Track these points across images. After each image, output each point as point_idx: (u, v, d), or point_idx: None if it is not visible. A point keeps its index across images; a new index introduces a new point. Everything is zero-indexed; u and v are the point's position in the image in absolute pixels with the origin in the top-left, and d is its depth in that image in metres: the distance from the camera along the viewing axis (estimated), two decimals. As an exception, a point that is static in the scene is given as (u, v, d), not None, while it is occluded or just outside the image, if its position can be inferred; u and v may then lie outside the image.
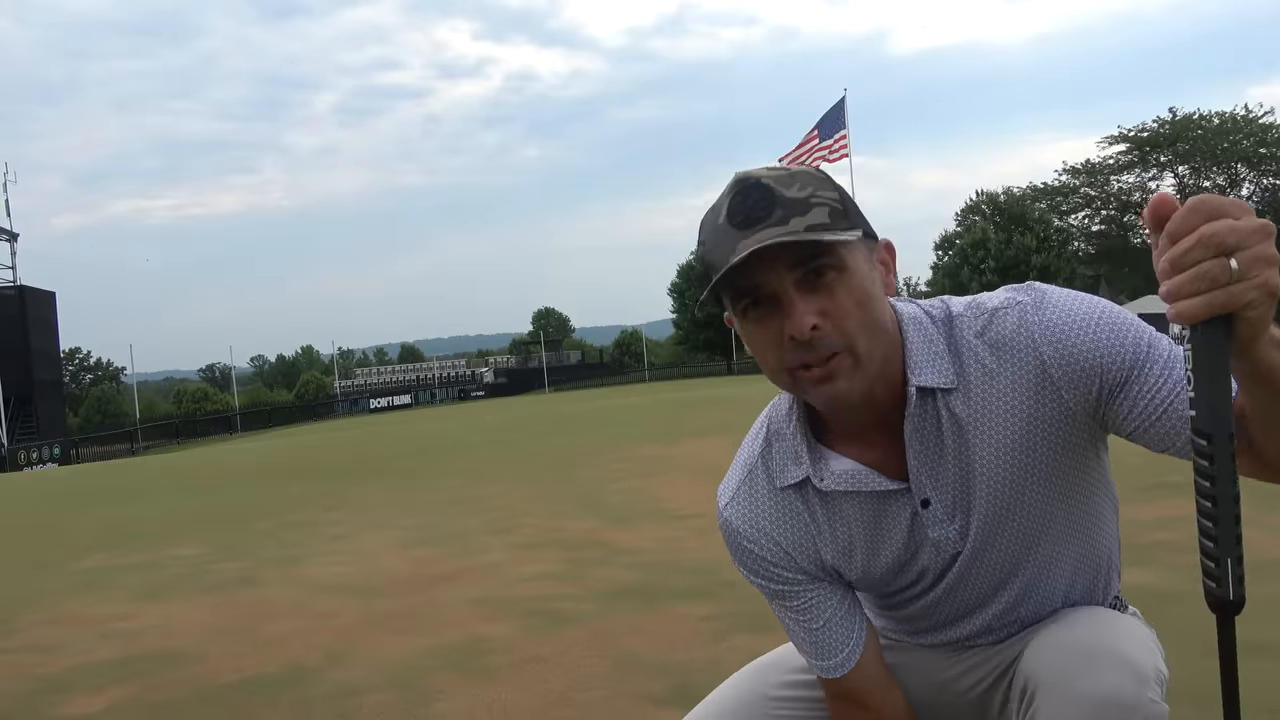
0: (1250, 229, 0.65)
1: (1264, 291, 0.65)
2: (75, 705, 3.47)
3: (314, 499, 9.43)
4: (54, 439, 36.57)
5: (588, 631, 3.90)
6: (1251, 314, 0.66)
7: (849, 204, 0.98)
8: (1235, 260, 0.64)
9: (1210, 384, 0.67)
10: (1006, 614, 1.13)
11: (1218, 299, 0.65)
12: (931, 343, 1.02)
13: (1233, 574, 0.69)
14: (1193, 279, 0.65)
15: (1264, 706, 2.64)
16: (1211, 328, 0.66)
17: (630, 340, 74.34)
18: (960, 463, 1.03)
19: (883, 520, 1.08)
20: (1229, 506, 0.68)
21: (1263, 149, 45.98)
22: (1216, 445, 0.68)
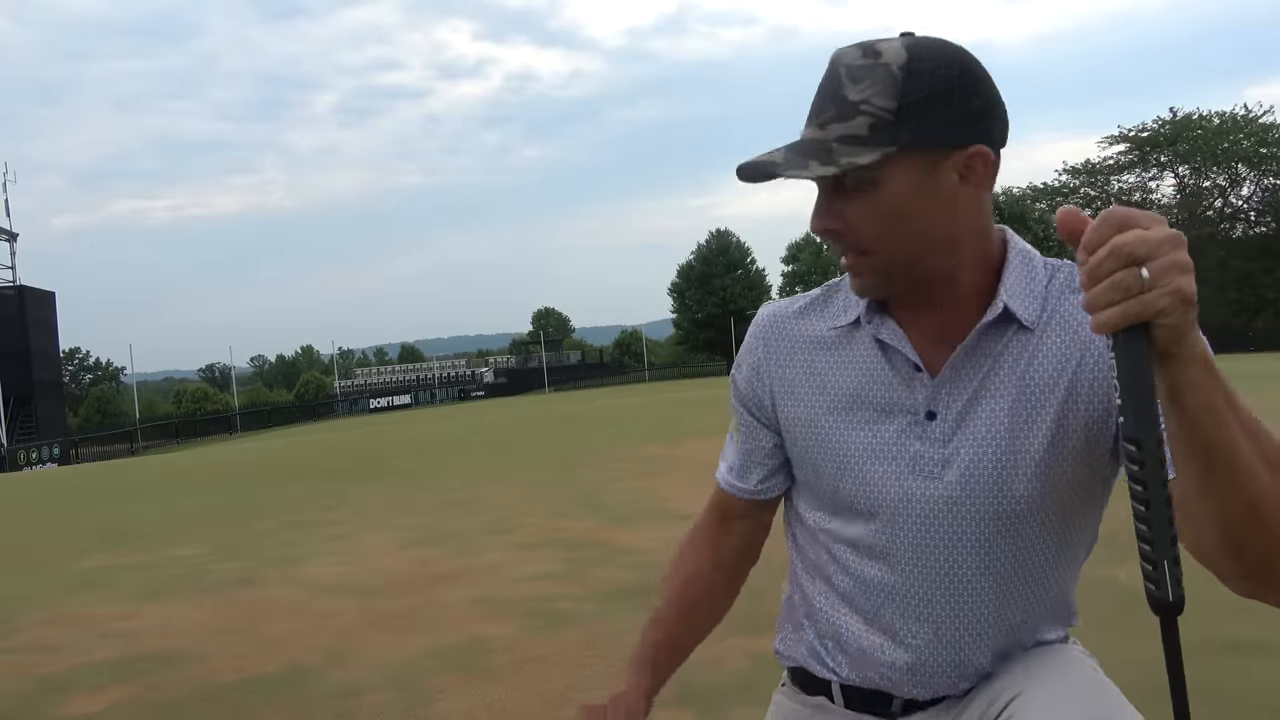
0: (1160, 239, 0.67)
1: (1176, 298, 0.66)
2: (75, 705, 3.47)
3: (314, 499, 9.42)
4: (54, 439, 36.54)
5: (588, 631, 3.90)
6: (1166, 320, 0.67)
7: (912, 109, 0.91)
8: (1146, 269, 0.66)
9: (1134, 390, 0.68)
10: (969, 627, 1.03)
11: (1132, 308, 0.66)
12: (1033, 278, 1.00)
13: (1170, 575, 0.70)
14: (1107, 289, 0.67)
15: (1266, 705, 2.64)
16: (1131, 336, 0.68)
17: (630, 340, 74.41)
18: (987, 396, 1.00)
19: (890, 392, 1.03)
20: (1162, 509, 0.69)
21: (1263, 149, 45.98)
22: (1145, 450, 0.68)
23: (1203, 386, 0.72)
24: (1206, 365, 0.72)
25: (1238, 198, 49.28)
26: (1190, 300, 0.67)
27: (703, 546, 1.29)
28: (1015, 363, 0.99)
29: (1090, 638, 1.14)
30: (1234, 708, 2.63)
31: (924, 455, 1.02)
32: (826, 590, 1.13)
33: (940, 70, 0.92)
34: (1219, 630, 3.14)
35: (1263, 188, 47.98)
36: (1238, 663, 2.93)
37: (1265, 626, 3.19)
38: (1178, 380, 0.71)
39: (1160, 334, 0.68)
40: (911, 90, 0.91)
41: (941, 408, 1.01)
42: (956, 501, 1.01)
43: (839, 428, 1.07)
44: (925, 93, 0.92)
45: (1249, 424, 0.75)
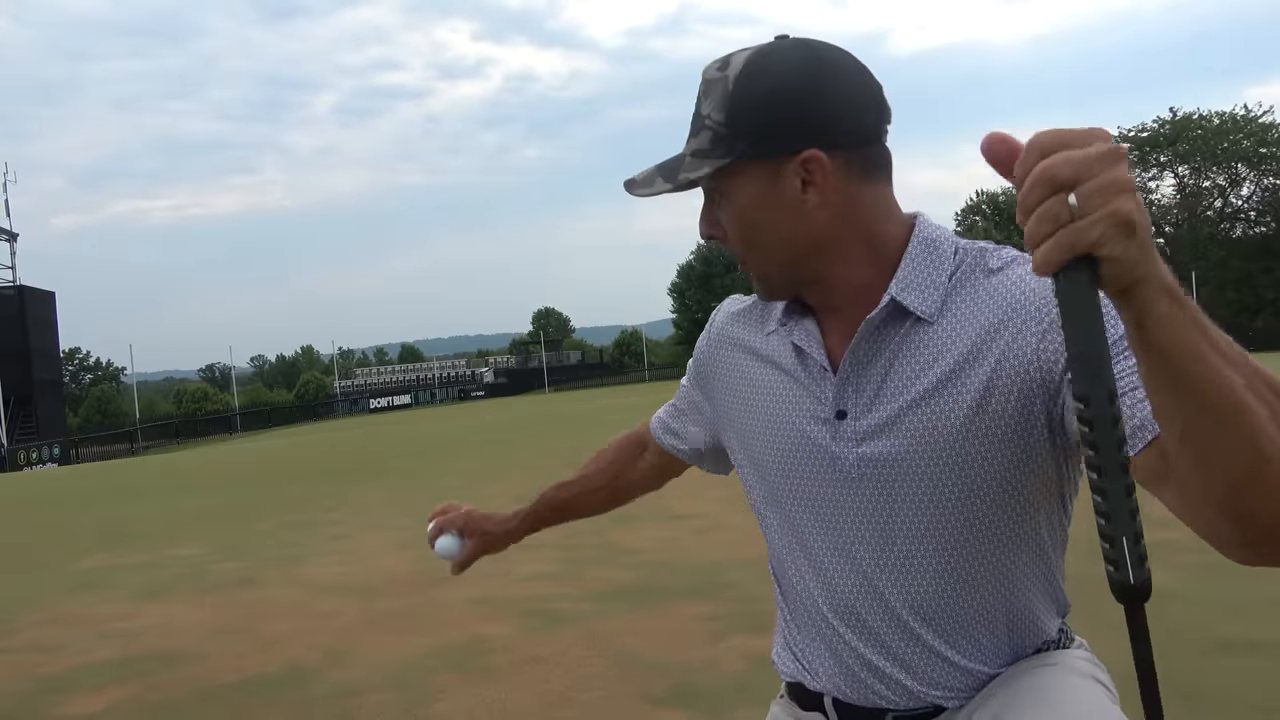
0: (1089, 157, 0.57)
1: (1111, 223, 0.57)
2: (75, 705, 3.48)
3: (314, 499, 9.43)
4: (54, 439, 36.55)
5: (587, 631, 3.91)
6: (1107, 251, 0.57)
7: (741, 121, 0.93)
8: (1074, 195, 0.57)
9: (1079, 339, 0.58)
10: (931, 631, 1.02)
11: (1064, 239, 0.57)
12: (934, 268, 0.97)
13: (1130, 554, 0.59)
14: (1037, 221, 0.58)
15: (1259, 705, 2.64)
16: (1072, 276, 0.58)
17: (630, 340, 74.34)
18: (898, 392, 0.97)
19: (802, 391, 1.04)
20: (1118, 475, 0.59)
21: (1263, 149, 45.99)
22: (1094, 407, 0.58)
23: (1171, 320, 0.62)
24: (1172, 296, 0.62)
25: (1237, 198, 49.28)
26: (1129, 223, 0.57)
27: (623, 456, 1.41)
28: (916, 355, 0.96)
29: (1089, 636, 1.13)
30: (1226, 707, 2.63)
31: (841, 455, 1.00)
32: (795, 597, 1.12)
33: (770, 80, 0.92)
34: (1211, 630, 3.14)
35: (1262, 188, 47.96)
36: (1230, 662, 2.93)
37: (1257, 626, 3.19)
38: (1140, 317, 0.61)
39: (1106, 269, 0.58)
40: (741, 102, 0.93)
41: (850, 405, 1.00)
42: (877, 501, 1.00)
43: (766, 433, 1.08)
44: (753, 104, 0.93)
45: (1236, 358, 0.65)
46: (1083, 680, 1.00)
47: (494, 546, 1.43)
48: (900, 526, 0.99)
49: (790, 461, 1.05)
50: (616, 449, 1.43)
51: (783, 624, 1.18)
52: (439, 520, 1.39)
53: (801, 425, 1.03)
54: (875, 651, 1.04)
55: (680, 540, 5.67)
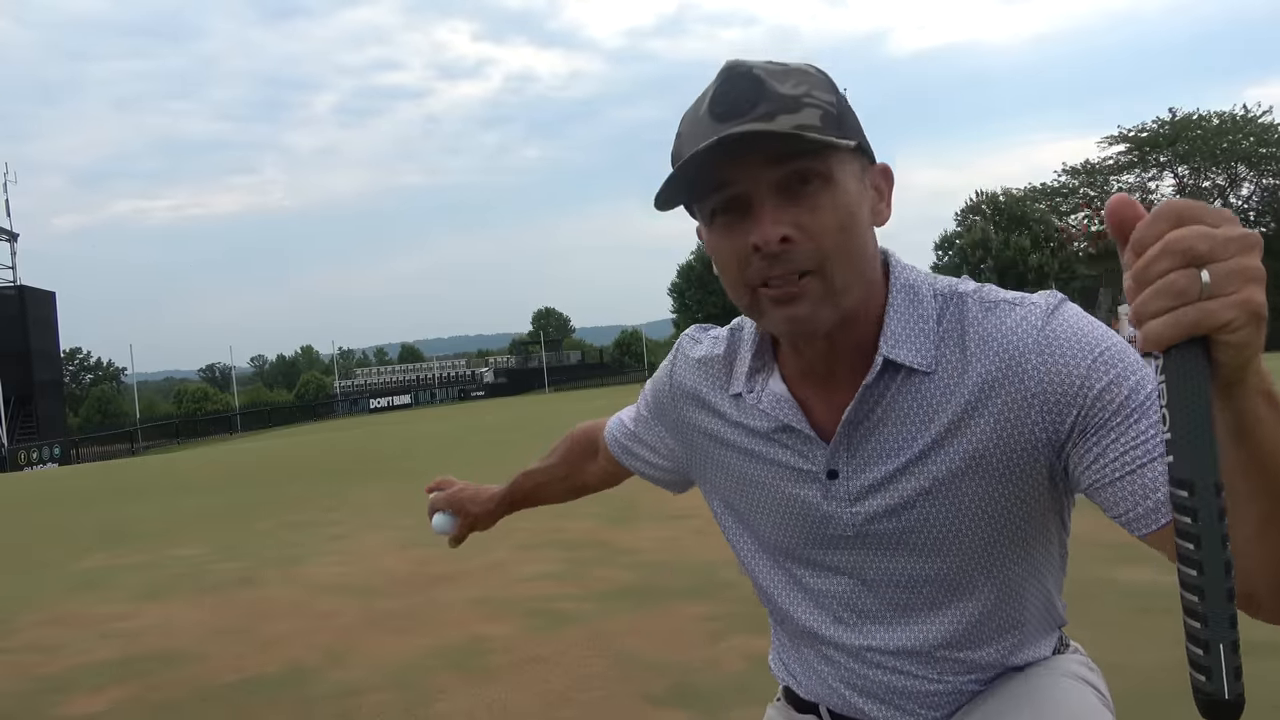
0: (1228, 237, 0.55)
1: (1245, 310, 0.54)
2: (75, 705, 3.48)
3: (314, 499, 9.43)
4: (54, 439, 36.55)
5: (587, 631, 3.91)
6: (1231, 337, 0.54)
7: (846, 112, 0.87)
8: (1208, 273, 0.54)
9: (1188, 422, 0.54)
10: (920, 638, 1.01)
11: (1187, 316, 0.54)
12: (920, 316, 0.92)
13: (1227, 665, 0.54)
14: (1157, 294, 0.55)
15: (1265, 705, 2.64)
16: (1186, 355, 0.55)
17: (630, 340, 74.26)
18: (893, 451, 0.93)
19: (784, 460, 1.01)
20: (1220, 576, 0.53)
21: (1263, 149, 45.97)
22: (1200, 496, 0.53)
23: (1270, 423, 0.60)
24: (1270, 400, 0.60)
25: (1237, 198, 49.24)
26: (1261, 315, 0.54)
27: (576, 457, 1.42)
28: (910, 410, 0.92)
29: (1090, 641, 1.13)
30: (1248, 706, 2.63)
31: (835, 515, 0.98)
32: (786, 624, 1.12)
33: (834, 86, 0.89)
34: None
35: (1262, 188, 47.97)
36: (1245, 664, 2.92)
37: (1265, 628, 3.19)
38: (1246, 416, 0.59)
39: (1222, 354, 0.55)
40: (838, 92, 0.88)
41: (841, 466, 0.96)
42: (875, 555, 0.99)
43: (751, 495, 1.05)
44: (844, 98, 0.89)
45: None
46: (1072, 682, 0.99)
47: (479, 524, 1.48)
48: (899, 577, 0.99)
49: (782, 522, 1.03)
50: (570, 446, 1.43)
51: (774, 639, 1.18)
52: (433, 499, 1.48)
53: (790, 489, 1.01)
54: (867, 681, 1.04)
55: (680, 540, 5.67)
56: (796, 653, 1.12)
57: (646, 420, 1.22)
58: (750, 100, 0.83)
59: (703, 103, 0.87)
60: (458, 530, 1.46)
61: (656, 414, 1.18)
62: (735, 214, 0.87)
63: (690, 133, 0.87)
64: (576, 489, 1.44)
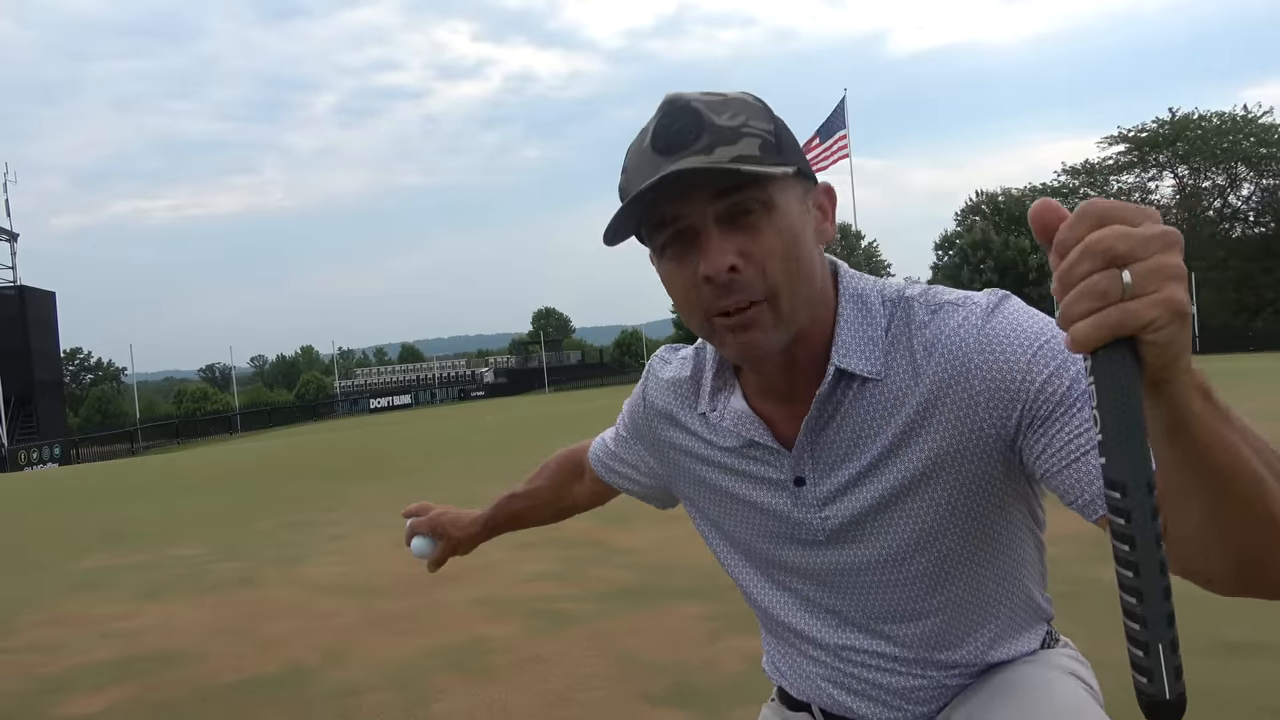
0: (1148, 235, 0.55)
1: (1167, 309, 0.54)
2: (75, 705, 3.48)
3: (314, 499, 9.43)
4: (54, 439, 36.53)
5: (587, 631, 3.91)
6: (1155, 336, 0.54)
7: (785, 138, 0.90)
8: (1129, 273, 0.54)
9: (1118, 423, 0.54)
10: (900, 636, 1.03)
11: (1111, 318, 0.54)
12: (869, 324, 0.94)
13: (1167, 665, 0.53)
14: (1080, 296, 0.55)
15: (1266, 706, 2.64)
16: (1113, 356, 0.54)
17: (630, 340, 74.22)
18: (854, 455, 0.96)
19: (752, 473, 1.03)
20: (1155, 576, 0.53)
21: (1263, 149, 45.98)
22: (1132, 498, 0.53)
23: (1204, 418, 0.61)
24: (1204, 391, 0.61)
25: (1237, 198, 49.28)
26: (1183, 312, 0.55)
27: (562, 479, 1.43)
28: (866, 415, 0.94)
29: (1079, 638, 1.13)
30: (1232, 708, 2.63)
31: (805, 522, 1.01)
32: (773, 627, 1.14)
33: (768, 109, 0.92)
34: (1217, 632, 3.14)
35: (1262, 188, 47.95)
36: (1236, 663, 2.93)
37: (1264, 628, 3.19)
38: (1179, 413, 0.60)
39: (1149, 353, 0.55)
40: (775, 119, 0.90)
41: (807, 472, 0.99)
42: (848, 558, 1.00)
43: (725, 506, 1.08)
44: (782, 124, 0.91)
45: (1254, 440, 0.66)
46: (1060, 675, 1.01)
47: (460, 549, 1.48)
48: (872, 578, 1.01)
49: (758, 530, 1.06)
50: (556, 469, 1.44)
51: (764, 642, 1.20)
52: (412, 523, 1.49)
53: (762, 499, 1.03)
54: (852, 679, 1.06)
55: (678, 540, 5.67)
56: (784, 654, 1.14)
57: (626, 440, 1.25)
58: (690, 133, 0.86)
59: (645, 137, 0.90)
60: (437, 554, 1.47)
61: (634, 434, 1.22)
62: (683, 245, 0.89)
63: (635, 167, 0.90)
64: (564, 510, 1.46)
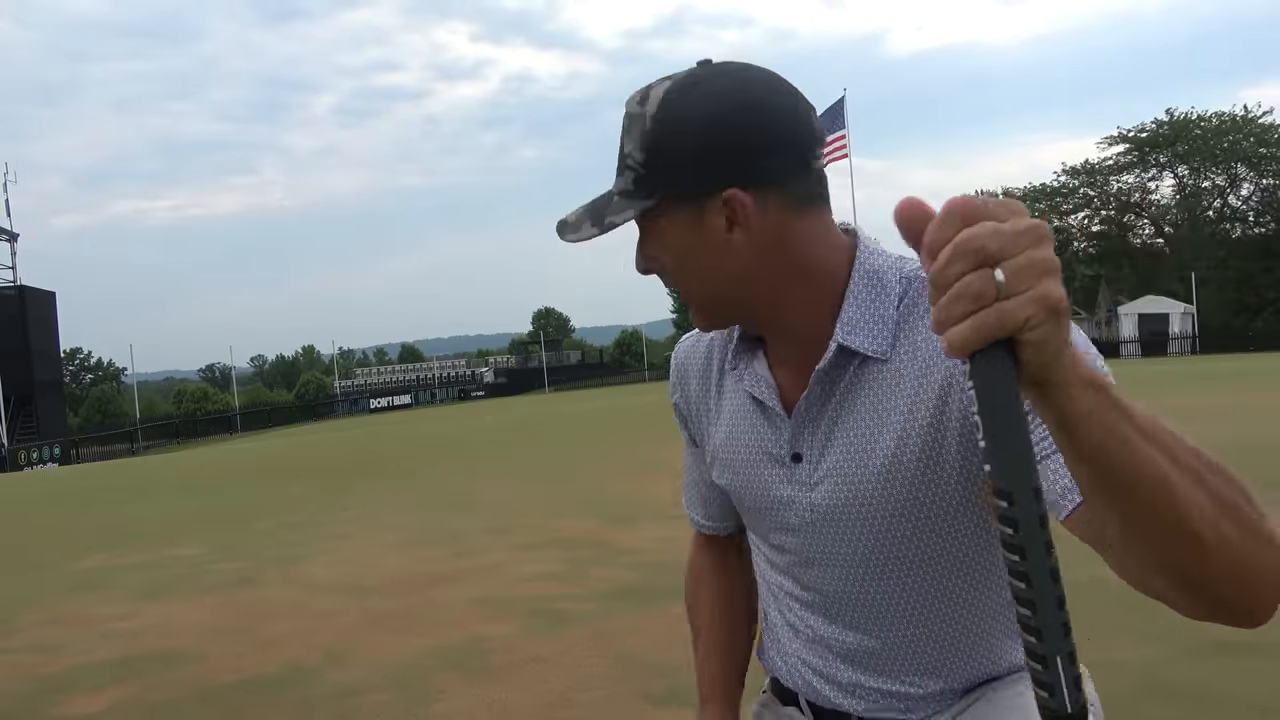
0: (1017, 230, 0.52)
1: (1042, 306, 0.52)
2: (75, 705, 3.48)
3: (314, 499, 9.43)
4: (54, 439, 36.50)
5: (588, 631, 3.91)
6: (1031, 335, 0.52)
7: (663, 158, 0.89)
8: (1001, 271, 0.52)
9: (1001, 428, 0.52)
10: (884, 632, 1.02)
11: (987, 320, 0.52)
12: (881, 302, 0.93)
13: (1066, 677, 0.52)
14: (954, 299, 0.52)
15: (1255, 705, 2.64)
16: (991, 359, 0.53)
17: (630, 340, 74.22)
18: (852, 438, 0.95)
19: (760, 437, 1.03)
20: (1047, 586, 0.51)
21: (1263, 149, 45.98)
22: (1019, 506, 0.51)
23: (1098, 414, 0.58)
24: (1097, 387, 0.58)
25: (1237, 198, 49.29)
26: (1059, 309, 0.53)
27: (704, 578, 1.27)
28: (867, 396, 0.94)
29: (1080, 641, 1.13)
30: (1222, 707, 2.63)
31: (794, 500, 1.01)
32: (772, 607, 1.14)
33: (687, 115, 0.88)
34: (1207, 631, 3.14)
35: (1262, 188, 47.96)
36: (1227, 662, 2.93)
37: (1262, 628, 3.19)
38: (1066, 412, 0.58)
39: (1026, 353, 0.53)
40: (659, 141, 0.89)
41: (805, 449, 0.99)
42: (834, 541, 1.00)
43: (735, 468, 1.08)
44: (671, 142, 0.89)
45: (1165, 439, 0.62)
46: None
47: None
48: (859, 563, 0.99)
49: (756, 499, 1.06)
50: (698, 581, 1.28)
51: (763, 626, 1.20)
52: None
53: (761, 468, 1.03)
54: (837, 673, 1.05)
55: (680, 540, 5.65)
56: (775, 640, 1.14)
57: (692, 458, 1.20)
58: None
59: None
60: None
61: (685, 425, 1.19)
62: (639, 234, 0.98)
63: None
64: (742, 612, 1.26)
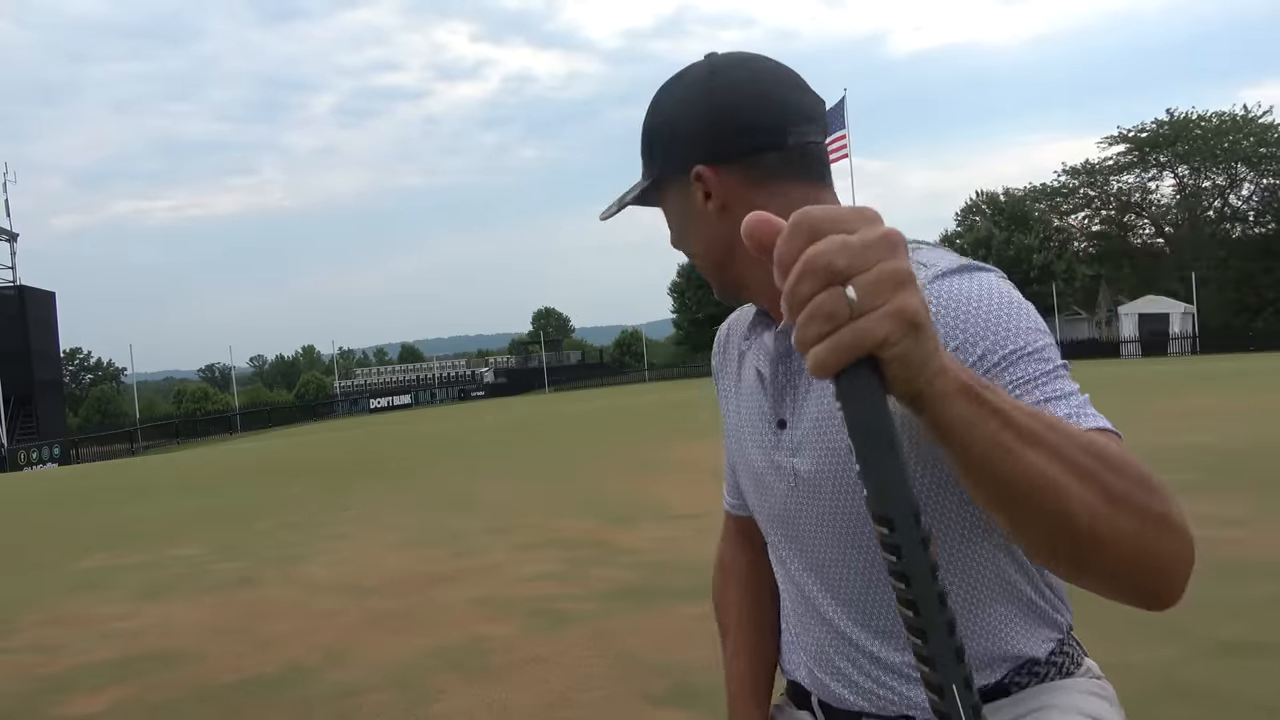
0: (865, 243, 0.50)
1: (899, 321, 0.50)
2: (75, 705, 3.48)
3: (314, 499, 9.43)
4: (54, 439, 36.48)
5: (588, 631, 3.91)
6: (892, 352, 0.51)
7: (657, 137, 1.01)
8: (852, 288, 0.50)
9: (873, 450, 0.50)
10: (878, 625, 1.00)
11: (844, 340, 0.50)
12: None
13: (964, 705, 0.49)
14: (809, 320, 0.50)
15: (1263, 705, 2.64)
16: (855, 378, 0.51)
17: (630, 340, 74.12)
18: (819, 397, 0.96)
19: (756, 407, 1.05)
20: (935, 612, 0.49)
21: (1263, 149, 45.98)
22: (900, 532, 0.49)
23: (971, 421, 0.57)
24: (969, 394, 0.57)
25: (1237, 198, 49.29)
26: (917, 321, 0.51)
27: (732, 575, 1.26)
28: None
29: (1089, 641, 1.11)
30: (1230, 708, 2.63)
31: (783, 465, 1.01)
32: (784, 600, 1.14)
33: (667, 103, 1.00)
34: (1214, 631, 3.14)
35: (1262, 188, 47.96)
36: (1234, 663, 2.93)
37: (1260, 627, 3.19)
38: (942, 423, 0.57)
39: (890, 369, 0.52)
40: (652, 128, 1.02)
41: (788, 414, 1.00)
42: (822, 509, 0.98)
43: (739, 439, 1.11)
44: (659, 127, 1.01)
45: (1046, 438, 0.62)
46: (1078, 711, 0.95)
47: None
48: (845, 532, 0.97)
49: (750, 469, 1.08)
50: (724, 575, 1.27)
51: (782, 623, 1.18)
52: None
53: (755, 437, 1.06)
54: (840, 658, 1.03)
55: (680, 540, 5.67)
56: (788, 632, 1.13)
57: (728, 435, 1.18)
58: None
59: None
60: None
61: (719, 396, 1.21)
62: None
63: None
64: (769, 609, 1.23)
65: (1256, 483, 5.84)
